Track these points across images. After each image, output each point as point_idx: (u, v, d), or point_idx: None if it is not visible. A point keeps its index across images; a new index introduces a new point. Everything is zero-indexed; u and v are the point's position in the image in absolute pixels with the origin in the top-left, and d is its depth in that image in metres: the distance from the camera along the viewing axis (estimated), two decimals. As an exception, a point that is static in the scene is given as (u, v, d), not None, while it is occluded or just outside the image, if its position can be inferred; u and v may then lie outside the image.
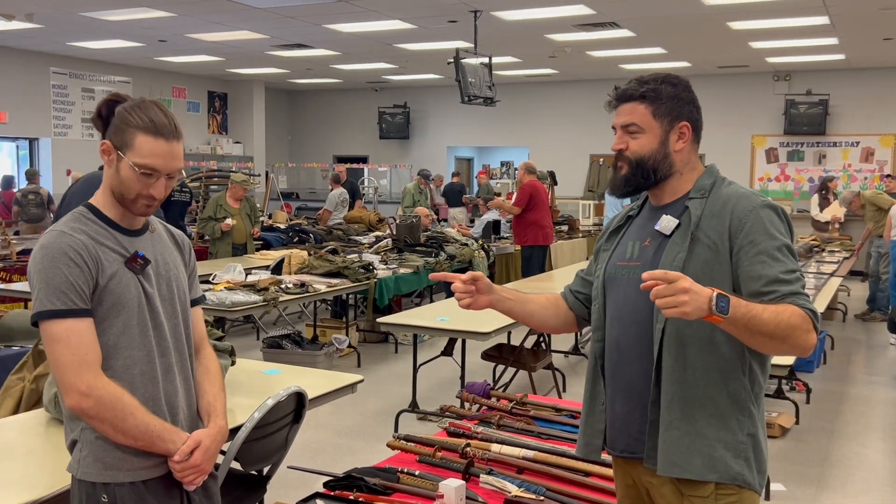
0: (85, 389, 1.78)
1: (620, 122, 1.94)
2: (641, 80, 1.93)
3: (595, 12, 9.20)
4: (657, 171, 1.92)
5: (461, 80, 9.37)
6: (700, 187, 1.92)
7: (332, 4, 8.91)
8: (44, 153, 13.40)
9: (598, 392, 2.02)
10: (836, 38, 10.65)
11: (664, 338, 1.84)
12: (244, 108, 16.63)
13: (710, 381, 1.83)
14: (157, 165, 1.86)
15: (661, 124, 1.91)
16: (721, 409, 1.84)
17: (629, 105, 1.92)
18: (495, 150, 18.71)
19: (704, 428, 1.83)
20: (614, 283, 1.98)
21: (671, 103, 1.91)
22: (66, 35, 11.21)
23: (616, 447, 1.98)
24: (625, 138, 1.93)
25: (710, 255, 1.83)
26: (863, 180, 13.62)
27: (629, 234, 2.02)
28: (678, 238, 1.87)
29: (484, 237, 9.62)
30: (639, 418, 1.90)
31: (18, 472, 2.32)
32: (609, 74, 14.60)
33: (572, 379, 6.51)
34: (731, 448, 1.83)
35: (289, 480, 3.19)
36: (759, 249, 1.79)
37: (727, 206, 1.85)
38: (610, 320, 1.98)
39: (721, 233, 1.83)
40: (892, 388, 6.40)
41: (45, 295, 1.80)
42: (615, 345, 1.96)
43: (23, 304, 6.44)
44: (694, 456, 1.82)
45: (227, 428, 2.05)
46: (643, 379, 1.89)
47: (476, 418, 3.05)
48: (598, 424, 2.01)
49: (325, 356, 6.35)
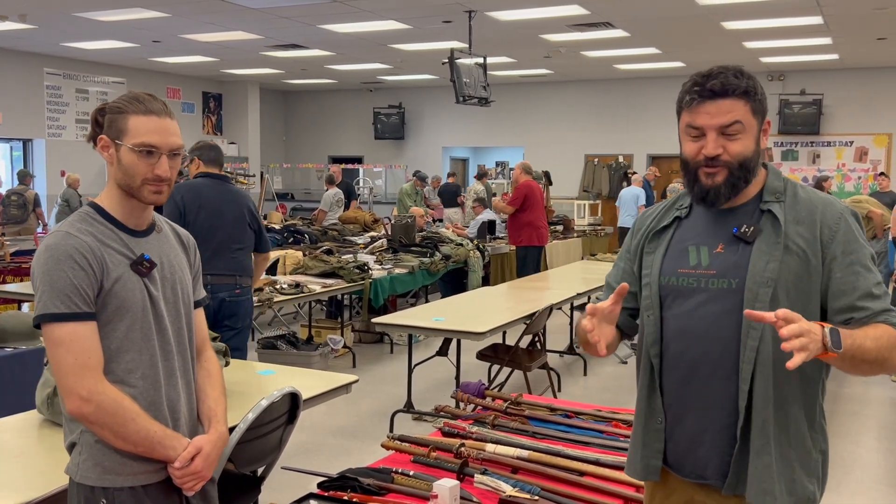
0: (86, 394, 1.77)
1: (719, 122, 1.70)
2: (735, 72, 1.71)
3: (589, 12, 9.21)
4: (753, 173, 1.74)
5: (456, 81, 9.36)
6: (774, 189, 1.77)
7: (326, 5, 8.90)
8: (38, 154, 13.37)
9: (655, 409, 1.84)
10: (829, 38, 10.68)
11: (758, 356, 1.69)
12: (239, 108, 16.62)
13: (796, 404, 1.74)
14: (154, 141, 1.85)
15: (758, 122, 1.74)
16: (801, 431, 1.76)
17: (728, 102, 1.69)
18: (490, 150, 18.72)
19: (786, 450, 1.74)
20: (677, 292, 1.79)
21: (763, 99, 1.74)
22: (59, 35, 11.18)
23: (683, 470, 1.82)
24: (721, 141, 1.70)
25: (799, 265, 1.70)
26: (857, 180, 13.67)
27: (684, 237, 1.83)
28: (764, 245, 1.71)
29: (479, 237, 9.62)
30: (712, 441, 1.77)
31: (11, 474, 2.31)
32: (604, 74, 14.63)
33: (567, 379, 6.51)
34: (805, 467, 1.76)
35: (283, 481, 3.18)
36: (851, 259, 1.69)
37: (814, 212, 1.72)
38: (674, 334, 1.79)
39: (811, 241, 1.70)
40: (887, 387, 6.41)
41: (49, 297, 1.78)
42: (683, 360, 1.78)
43: (17, 306, 6.42)
44: (780, 482, 1.72)
45: (227, 434, 2.04)
46: (725, 400, 1.74)
47: (471, 418, 3.05)
48: (657, 444, 1.84)
49: (320, 357, 6.34)
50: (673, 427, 1.83)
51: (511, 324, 5.25)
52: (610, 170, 15.37)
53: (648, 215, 1.95)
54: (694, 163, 1.74)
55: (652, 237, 1.88)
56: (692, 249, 1.80)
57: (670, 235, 1.85)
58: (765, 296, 1.68)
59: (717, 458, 1.76)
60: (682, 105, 1.76)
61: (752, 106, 1.71)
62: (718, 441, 1.76)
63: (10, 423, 2.74)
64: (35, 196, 11.22)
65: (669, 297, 1.81)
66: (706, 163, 1.72)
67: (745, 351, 1.70)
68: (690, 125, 1.73)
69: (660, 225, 1.88)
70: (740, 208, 1.77)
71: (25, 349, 3.72)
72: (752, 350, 1.70)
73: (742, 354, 1.71)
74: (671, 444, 1.83)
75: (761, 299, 1.68)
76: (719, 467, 1.76)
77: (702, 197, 1.76)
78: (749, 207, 1.77)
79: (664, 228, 1.87)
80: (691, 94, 1.72)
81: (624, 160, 15.26)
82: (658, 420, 1.84)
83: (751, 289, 1.70)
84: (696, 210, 1.85)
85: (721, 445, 1.76)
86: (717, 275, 1.75)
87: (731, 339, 1.72)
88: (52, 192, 12.87)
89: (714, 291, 1.74)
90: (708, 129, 1.71)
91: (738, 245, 1.74)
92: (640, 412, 1.89)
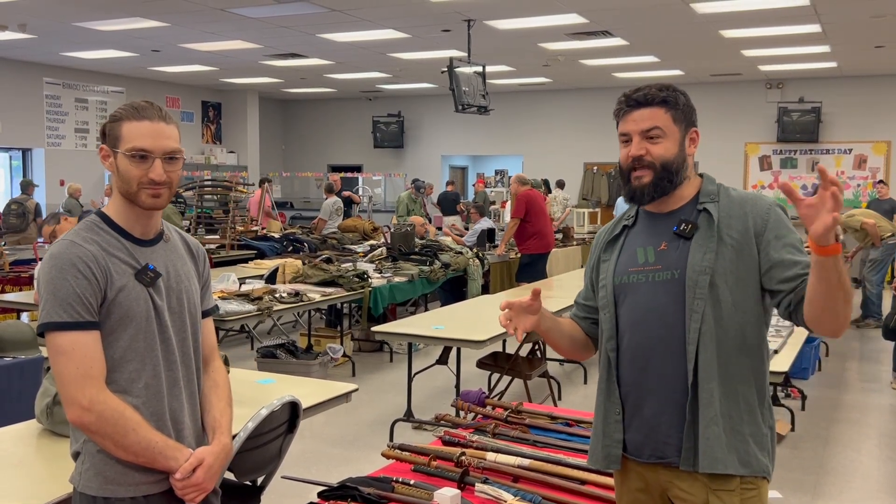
0: (87, 404, 1.76)
1: (641, 128, 1.92)
2: (658, 87, 1.94)
3: (588, 21, 9.23)
4: (678, 175, 1.94)
5: (455, 89, 9.38)
6: (709, 192, 1.96)
7: (325, 14, 8.92)
8: (37, 163, 13.38)
9: (613, 401, 1.99)
10: (828, 45, 10.71)
11: (701, 337, 1.86)
12: (238, 117, 16.64)
13: (743, 377, 1.88)
14: (145, 145, 1.85)
15: (680, 129, 1.94)
16: (751, 404, 1.89)
17: (648, 110, 1.92)
18: (489, 158, 18.75)
19: (738, 423, 1.87)
20: (628, 289, 1.97)
21: (685, 109, 1.95)
22: (59, 45, 11.20)
23: (642, 454, 1.96)
24: (644, 144, 1.92)
25: (734, 254, 1.88)
26: (856, 187, 13.68)
27: (632, 241, 2.02)
28: (700, 240, 1.90)
29: (478, 245, 9.62)
30: (669, 421, 1.90)
31: (11, 483, 2.30)
32: (602, 83, 14.66)
33: (567, 387, 6.50)
34: (758, 441, 1.89)
35: (283, 490, 3.17)
36: (785, 242, 1.87)
37: (744, 207, 1.91)
38: (628, 326, 1.96)
39: (744, 232, 1.88)
40: (887, 394, 6.40)
41: (52, 306, 1.77)
42: (637, 350, 1.94)
43: (16, 315, 6.41)
44: (731, 451, 1.85)
45: (231, 445, 2.02)
46: (676, 380, 1.89)
47: (471, 427, 3.04)
48: (616, 434, 1.98)
49: (319, 365, 6.33)
50: (632, 416, 1.96)
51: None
52: (609, 178, 15.39)
53: (602, 231, 2.14)
54: (626, 166, 1.95)
55: (606, 247, 2.08)
56: (640, 250, 1.98)
57: (622, 243, 2.04)
58: (703, 283, 1.86)
59: (675, 435, 1.90)
60: (616, 117, 1.99)
61: (672, 114, 1.93)
62: (675, 420, 1.89)
63: (10, 433, 2.73)
64: (36, 206, 11.22)
65: (622, 295, 1.98)
66: (633, 164, 1.93)
67: (689, 333, 1.87)
68: (621, 132, 1.97)
69: (611, 236, 2.08)
70: (678, 211, 1.97)
71: (24, 358, 3.71)
72: (695, 332, 1.86)
73: (687, 336, 1.87)
74: (629, 433, 1.97)
75: (700, 286, 1.86)
76: (677, 445, 1.90)
77: (631, 196, 1.97)
78: (686, 209, 1.96)
79: (615, 238, 2.07)
80: (620, 106, 1.97)
81: (623, 168, 15.26)
82: (616, 412, 1.98)
83: (690, 277, 1.88)
84: (641, 217, 2.04)
85: (678, 424, 1.89)
86: (662, 269, 1.93)
87: (676, 324, 1.89)
88: (52, 201, 12.87)
89: (659, 283, 1.92)
90: (633, 134, 1.93)
91: (679, 241, 1.93)
92: (599, 405, 2.04)
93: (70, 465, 1.91)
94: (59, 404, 2.65)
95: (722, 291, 1.86)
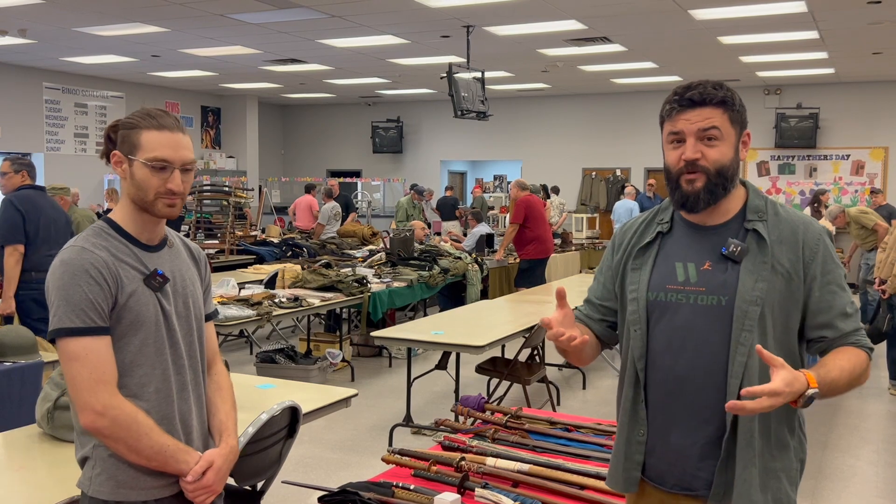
0: (100, 409, 1.77)
1: (697, 127, 1.75)
2: (714, 84, 1.79)
3: (587, 27, 9.26)
4: (731, 182, 1.79)
5: (454, 95, 9.40)
6: (756, 208, 1.82)
7: (325, 20, 8.94)
8: (36, 168, 13.36)
9: (638, 420, 1.87)
10: (825, 52, 10.73)
11: (746, 370, 1.74)
12: (237, 122, 16.65)
13: (779, 416, 1.79)
14: (166, 156, 1.86)
15: (735, 132, 1.80)
16: (784, 441, 1.81)
17: (707, 110, 1.76)
18: (488, 163, 18.77)
19: (770, 461, 1.78)
20: (665, 308, 1.83)
21: (741, 110, 1.82)
22: (59, 50, 11.22)
23: (665, 482, 1.85)
24: (699, 147, 1.76)
25: (783, 285, 1.76)
26: (853, 193, 13.70)
27: (669, 253, 1.87)
28: (751, 265, 1.76)
29: (477, 250, 9.63)
30: (700, 454, 1.80)
31: (11, 488, 2.30)
32: (601, 89, 14.70)
33: (566, 392, 6.50)
34: (789, 477, 1.81)
35: (283, 495, 3.18)
36: (829, 279, 1.77)
37: (797, 232, 1.78)
38: (663, 348, 1.83)
39: (794, 262, 1.77)
40: (885, 400, 6.41)
41: (64, 312, 1.78)
42: (670, 374, 1.82)
43: (15, 320, 6.40)
44: (766, 491, 1.77)
45: (238, 448, 2.04)
46: (711, 413, 1.78)
47: (471, 432, 3.04)
48: (637, 456, 1.87)
49: (318, 370, 6.33)
50: (656, 440, 1.86)
51: (510, 337, 5.25)
52: (607, 183, 15.41)
53: (628, 230, 1.97)
54: (676, 170, 1.80)
55: (636, 253, 1.91)
56: (679, 266, 1.83)
57: (655, 251, 1.88)
58: (754, 314, 1.74)
59: (706, 469, 1.80)
60: (664, 115, 1.82)
61: (729, 115, 1.78)
62: (708, 453, 1.80)
63: (10, 438, 2.74)
64: None
65: (657, 312, 1.84)
66: (686, 168, 1.77)
67: (734, 366, 1.75)
68: (671, 132, 1.80)
69: (643, 241, 1.91)
70: (722, 227, 1.82)
71: (24, 363, 3.72)
72: (741, 365, 1.74)
73: (730, 369, 1.75)
74: (652, 458, 1.87)
75: (750, 317, 1.74)
76: (708, 479, 1.80)
77: (682, 203, 1.80)
78: (732, 226, 1.82)
79: (648, 244, 1.90)
80: (671, 104, 1.80)
81: (621, 174, 15.30)
82: (640, 433, 1.87)
83: (740, 307, 1.75)
84: (677, 226, 1.88)
85: (710, 457, 1.79)
86: (706, 291, 1.79)
87: (719, 353, 1.77)
88: (51, 205, 12.84)
89: (702, 308, 1.78)
90: (687, 134, 1.77)
91: (727, 263, 1.78)
92: (622, 424, 1.92)
93: (70, 470, 1.92)
94: (59, 409, 2.65)
95: (768, 324, 1.74)
